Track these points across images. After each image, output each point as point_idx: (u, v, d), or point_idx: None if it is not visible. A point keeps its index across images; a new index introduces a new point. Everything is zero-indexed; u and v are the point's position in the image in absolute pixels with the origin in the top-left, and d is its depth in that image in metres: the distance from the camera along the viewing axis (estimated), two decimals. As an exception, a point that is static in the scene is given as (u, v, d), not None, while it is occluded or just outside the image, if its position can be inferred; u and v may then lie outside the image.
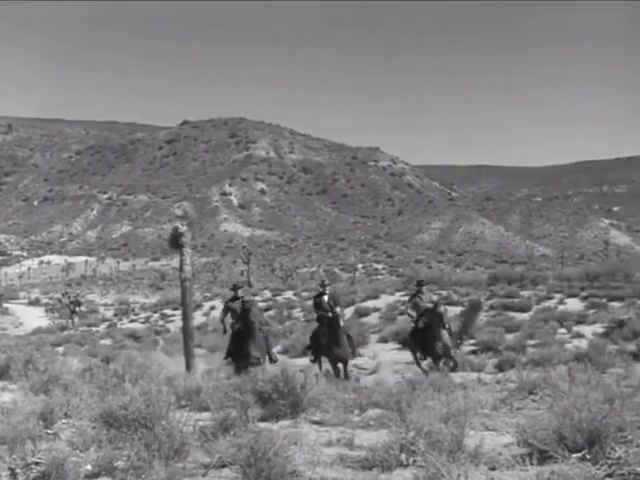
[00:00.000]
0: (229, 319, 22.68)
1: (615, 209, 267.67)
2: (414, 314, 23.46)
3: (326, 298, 22.93)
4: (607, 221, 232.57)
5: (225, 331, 22.70)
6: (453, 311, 43.15)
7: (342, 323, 22.35)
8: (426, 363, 23.19)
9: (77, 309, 79.72)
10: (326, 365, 22.61)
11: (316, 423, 12.70)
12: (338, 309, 22.45)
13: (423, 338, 22.71)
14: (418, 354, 23.29)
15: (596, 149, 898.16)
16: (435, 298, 24.74)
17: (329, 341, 22.12)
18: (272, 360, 21.91)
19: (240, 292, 22.93)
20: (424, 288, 23.96)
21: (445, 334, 22.33)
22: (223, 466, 9.05)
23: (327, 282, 23.65)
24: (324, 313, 22.63)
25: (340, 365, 22.43)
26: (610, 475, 7.01)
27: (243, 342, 21.38)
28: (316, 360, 22.80)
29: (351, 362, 23.52)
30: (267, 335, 23.23)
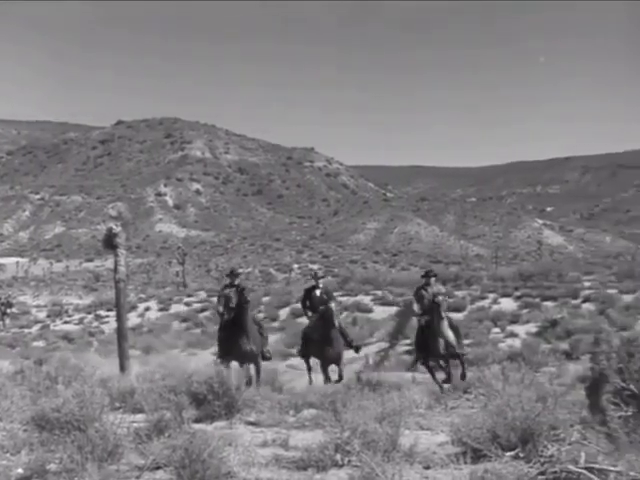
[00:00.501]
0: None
1: (548, 209, 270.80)
2: (418, 309, 20.42)
3: (319, 292, 21.24)
4: (540, 221, 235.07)
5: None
6: (388, 311, 43.42)
7: (337, 321, 20.52)
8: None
9: (8, 311, 78.62)
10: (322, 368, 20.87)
11: (251, 424, 12.70)
12: (333, 304, 20.53)
13: (425, 338, 20.03)
14: (422, 360, 20.58)
15: (530, 150, 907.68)
16: (444, 290, 21.72)
17: (321, 340, 20.35)
18: (265, 357, 20.20)
19: (237, 280, 20.77)
20: (432, 280, 20.82)
21: (447, 329, 19.72)
22: (157, 468, 9.00)
23: (320, 274, 22.16)
24: (307, 312, 21.32)
25: (335, 366, 20.72)
26: (542, 473, 7.08)
27: (236, 335, 19.45)
28: (305, 359, 21.36)
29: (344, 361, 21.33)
30: (262, 328, 21.15)
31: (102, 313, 69.82)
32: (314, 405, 13.78)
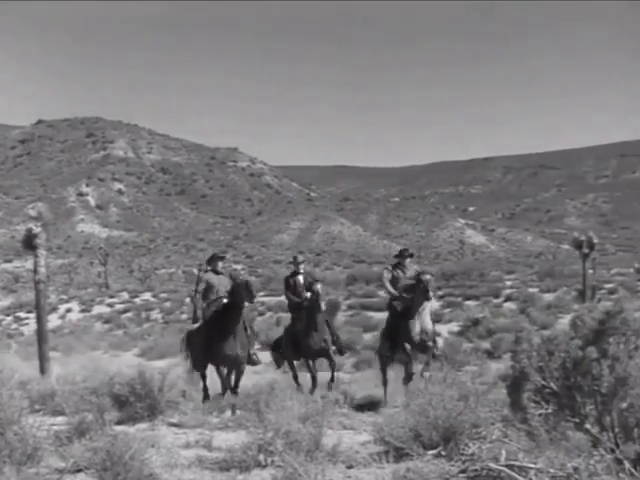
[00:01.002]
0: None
1: (471, 209, 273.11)
2: (394, 290, 17.43)
3: (302, 278, 18.70)
4: (463, 221, 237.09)
5: (196, 320, 17.79)
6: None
7: (324, 306, 18.02)
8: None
9: None
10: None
11: (174, 425, 12.63)
12: (319, 285, 17.89)
13: (397, 325, 17.08)
14: (386, 353, 17.60)
15: (452, 150, 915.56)
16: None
17: (305, 327, 17.88)
18: (253, 361, 17.31)
19: (220, 265, 17.97)
20: (408, 260, 18.05)
21: (428, 317, 17.17)
22: (78, 470, 8.90)
23: (301, 259, 19.25)
24: (294, 298, 18.45)
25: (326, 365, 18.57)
26: (464, 471, 7.15)
27: (223, 335, 16.19)
28: (289, 360, 18.71)
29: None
30: (251, 328, 18.31)
31: (22, 315, 68.87)
32: (237, 406, 13.76)
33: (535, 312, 38.92)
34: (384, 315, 40.36)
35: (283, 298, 18.97)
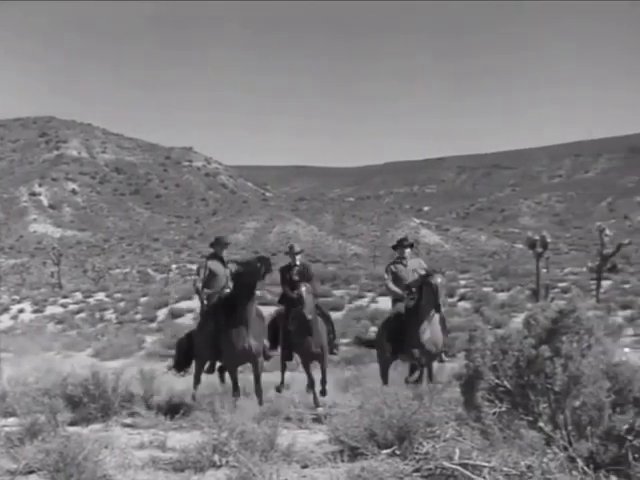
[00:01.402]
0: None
1: (425, 209, 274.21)
2: (397, 289, 15.62)
3: (296, 271, 16.88)
4: (417, 220, 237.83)
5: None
6: (267, 311, 43.39)
7: (309, 315, 15.61)
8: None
9: None
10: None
11: (128, 426, 12.57)
12: (303, 289, 15.75)
13: (401, 328, 15.03)
14: (388, 354, 15.59)
15: (406, 150, 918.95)
16: (425, 266, 16.27)
17: (299, 330, 15.94)
18: (266, 356, 15.74)
19: (225, 253, 16.31)
20: (407, 251, 16.21)
21: (439, 325, 15.16)
22: (31, 472, 8.83)
23: (297, 249, 17.15)
24: (291, 294, 16.14)
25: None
26: (418, 470, 7.18)
27: (232, 325, 14.56)
28: (282, 359, 16.85)
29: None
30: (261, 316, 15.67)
31: (-27, 316, 68.19)
32: (193, 406, 13.71)
33: (489, 311, 39.16)
34: (339, 315, 40.38)
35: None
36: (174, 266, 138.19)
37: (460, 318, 37.15)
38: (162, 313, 51.86)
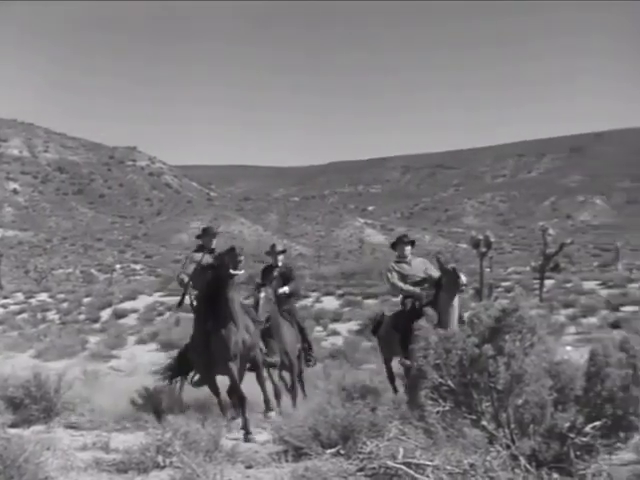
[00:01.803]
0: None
1: (370, 208, 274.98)
2: (410, 287, 14.46)
3: (276, 273, 15.72)
4: (362, 220, 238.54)
5: (181, 304, 14.89)
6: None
7: (262, 317, 14.56)
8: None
9: None
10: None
11: (71, 427, 12.46)
12: (262, 294, 14.70)
13: (406, 330, 13.57)
14: (398, 358, 14.01)
15: (351, 150, 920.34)
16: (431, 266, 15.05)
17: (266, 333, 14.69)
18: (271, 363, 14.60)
19: (214, 243, 14.83)
20: (408, 249, 14.87)
21: (455, 317, 13.85)
22: (-30, 475, 8.72)
23: (280, 248, 16.09)
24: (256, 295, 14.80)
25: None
26: (361, 469, 7.19)
27: (219, 323, 13.12)
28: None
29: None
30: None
31: None
32: (136, 407, 13.63)
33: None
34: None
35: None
36: (118, 266, 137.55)
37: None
38: (106, 313, 51.54)
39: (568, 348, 22.78)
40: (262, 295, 14.72)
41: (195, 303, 14.22)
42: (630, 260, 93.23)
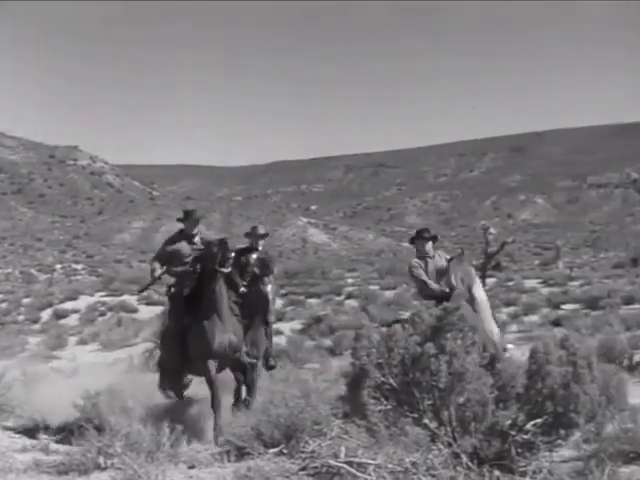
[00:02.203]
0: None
1: (313, 208, 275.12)
2: (437, 286, 12.80)
3: (254, 257, 13.99)
4: (305, 220, 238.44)
5: (143, 290, 14.81)
6: (154, 311, 43.05)
7: (272, 318, 13.43)
8: None
9: None
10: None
11: (10, 429, 12.32)
12: (266, 282, 13.26)
13: None
14: None
15: (293, 149, 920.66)
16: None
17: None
18: (270, 365, 13.89)
19: (196, 230, 13.59)
20: (430, 245, 13.37)
21: (491, 318, 12.54)
22: None
23: (262, 231, 14.49)
24: (238, 280, 13.20)
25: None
26: (304, 468, 7.19)
27: (204, 318, 11.88)
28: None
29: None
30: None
31: None
32: (77, 408, 13.51)
33: (375, 309, 39.47)
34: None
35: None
36: (58, 266, 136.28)
37: (347, 316, 37.39)
38: (46, 314, 50.95)
39: (510, 346, 22.95)
40: (269, 288, 13.21)
41: (171, 293, 13.07)
42: (571, 258, 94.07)
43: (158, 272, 13.24)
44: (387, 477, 6.83)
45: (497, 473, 8.39)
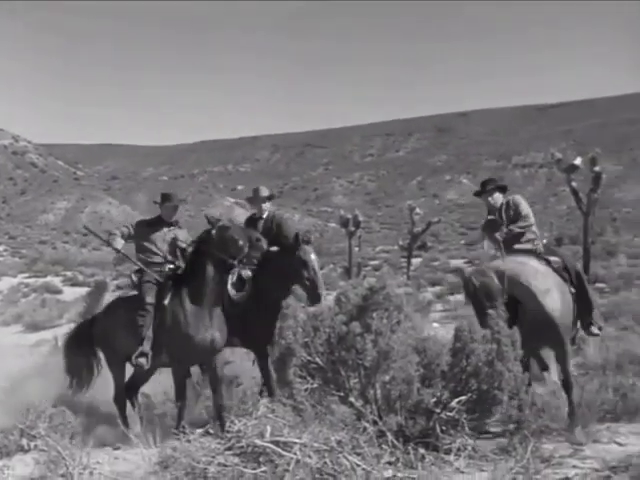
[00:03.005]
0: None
1: (239, 188, 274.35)
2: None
3: (262, 225, 12.39)
4: (232, 200, 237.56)
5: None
6: (78, 292, 42.64)
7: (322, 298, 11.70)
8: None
9: None
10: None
11: None
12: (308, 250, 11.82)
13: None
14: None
15: (220, 129, 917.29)
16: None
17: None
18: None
19: (175, 217, 12.44)
20: (498, 196, 11.51)
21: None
22: None
23: (265, 193, 12.75)
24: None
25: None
26: (229, 448, 7.17)
27: (192, 311, 10.57)
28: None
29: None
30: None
31: None
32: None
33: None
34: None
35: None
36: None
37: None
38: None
39: (435, 325, 23.19)
40: (313, 256, 11.83)
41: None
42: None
43: (117, 245, 11.56)
44: (313, 456, 6.84)
45: (422, 451, 8.46)
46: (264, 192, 12.65)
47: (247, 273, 11.60)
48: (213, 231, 10.95)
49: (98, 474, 8.05)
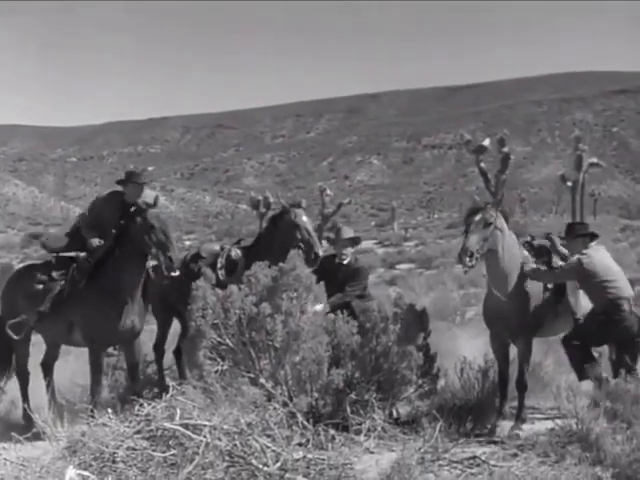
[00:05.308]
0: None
1: (150, 169, 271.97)
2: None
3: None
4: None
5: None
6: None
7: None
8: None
9: None
10: None
11: None
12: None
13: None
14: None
15: (129, 109, 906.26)
16: None
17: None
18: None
19: (141, 200, 11.05)
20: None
21: None
22: None
23: (350, 234, 11.77)
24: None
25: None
26: (139, 432, 7.10)
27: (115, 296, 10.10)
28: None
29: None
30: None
31: None
32: None
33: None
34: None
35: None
36: None
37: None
38: None
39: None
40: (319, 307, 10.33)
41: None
42: (406, 220, 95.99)
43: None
44: (223, 438, 6.81)
45: (332, 432, 8.49)
46: (348, 233, 11.67)
47: (237, 252, 11.77)
48: (137, 218, 10.35)
49: (4, 460, 7.92)
